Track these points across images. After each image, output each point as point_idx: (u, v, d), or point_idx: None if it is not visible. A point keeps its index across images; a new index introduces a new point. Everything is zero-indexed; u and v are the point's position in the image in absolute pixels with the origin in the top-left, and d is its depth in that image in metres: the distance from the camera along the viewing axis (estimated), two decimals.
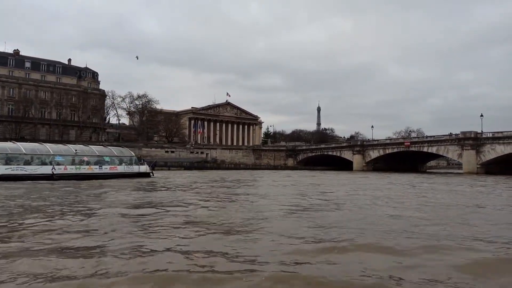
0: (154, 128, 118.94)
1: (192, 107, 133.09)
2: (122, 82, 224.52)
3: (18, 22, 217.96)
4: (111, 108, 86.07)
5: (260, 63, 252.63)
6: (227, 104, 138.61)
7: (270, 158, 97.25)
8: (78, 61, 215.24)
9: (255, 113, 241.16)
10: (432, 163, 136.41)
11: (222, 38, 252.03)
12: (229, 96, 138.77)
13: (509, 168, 69.91)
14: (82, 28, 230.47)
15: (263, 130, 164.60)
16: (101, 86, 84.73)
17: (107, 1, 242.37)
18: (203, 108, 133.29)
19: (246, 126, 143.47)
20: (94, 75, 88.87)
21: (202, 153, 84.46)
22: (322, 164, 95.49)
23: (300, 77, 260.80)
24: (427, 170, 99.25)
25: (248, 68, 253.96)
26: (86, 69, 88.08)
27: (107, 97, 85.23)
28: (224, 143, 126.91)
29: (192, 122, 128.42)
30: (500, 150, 66.85)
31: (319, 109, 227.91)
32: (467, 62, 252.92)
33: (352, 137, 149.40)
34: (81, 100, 78.24)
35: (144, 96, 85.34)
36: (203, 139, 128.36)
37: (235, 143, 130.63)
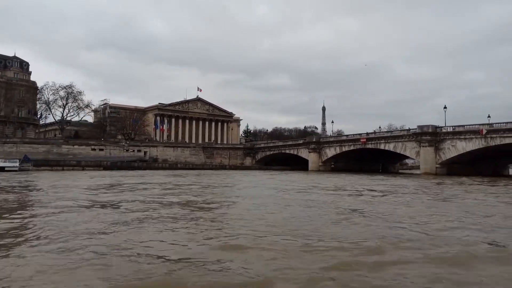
0: (116, 125, 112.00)
1: (159, 103, 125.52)
2: (127, 82, 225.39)
3: (24, 22, 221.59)
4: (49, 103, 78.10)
5: (266, 63, 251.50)
6: (198, 100, 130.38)
7: (224, 157, 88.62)
8: (83, 61, 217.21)
9: (262, 113, 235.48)
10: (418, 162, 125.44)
11: (228, 38, 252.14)
12: (200, 91, 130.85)
13: (478, 170, 59.96)
14: (89, 28, 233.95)
15: (243, 128, 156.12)
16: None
17: (114, 1, 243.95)
18: (170, 104, 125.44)
19: (219, 124, 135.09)
20: (23, 65, 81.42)
21: (139, 151, 76.35)
22: (281, 163, 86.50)
23: (307, 77, 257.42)
24: (400, 171, 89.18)
25: (254, 68, 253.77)
26: (14, 58, 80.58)
27: (39, 89, 77.44)
28: (195, 141, 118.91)
29: (159, 118, 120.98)
30: (461, 147, 56.96)
31: (324, 109, 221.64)
32: (475, 61, 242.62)
33: (339, 135, 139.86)
34: (4, 92, 70.79)
35: (69, 87, 77.16)
36: (170, 136, 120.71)
37: (206, 141, 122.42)
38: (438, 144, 59.04)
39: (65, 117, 78.66)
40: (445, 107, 64.07)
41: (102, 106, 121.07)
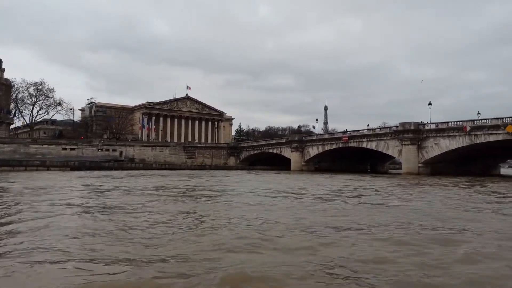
0: (102, 125, 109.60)
1: (147, 101, 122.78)
2: (130, 83, 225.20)
3: (26, 23, 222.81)
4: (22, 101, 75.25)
5: (269, 64, 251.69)
6: (187, 98, 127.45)
7: (207, 156, 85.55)
8: (86, 63, 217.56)
9: (265, 113, 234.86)
10: None
11: (231, 39, 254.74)
12: (190, 89, 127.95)
13: (465, 170, 56.51)
14: (92, 29, 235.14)
15: (236, 127, 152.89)
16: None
17: (116, 3, 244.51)
18: (158, 103, 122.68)
19: (209, 123, 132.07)
20: None
21: (114, 150, 73.49)
22: (266, 163, 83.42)
23: (310, 78, 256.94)
24: (389, 171, 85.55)
25: (257, 68, 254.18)
26: None
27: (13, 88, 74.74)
28: (184, 140, 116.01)
29: (146, 117, 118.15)
30: (445, 145, 53.37)
31: (326, 109, 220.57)
32: (477, 61, 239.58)
33: (321, 134, 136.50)
34: None
35: (40, 83, 74.14)
36: (158, 135, 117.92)
37: (196, 140, 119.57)
38: (421, 142, 55.52)
39: (35, 115, 75.79)
40: (429, 103, 60.56)
41: (89, 105, 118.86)
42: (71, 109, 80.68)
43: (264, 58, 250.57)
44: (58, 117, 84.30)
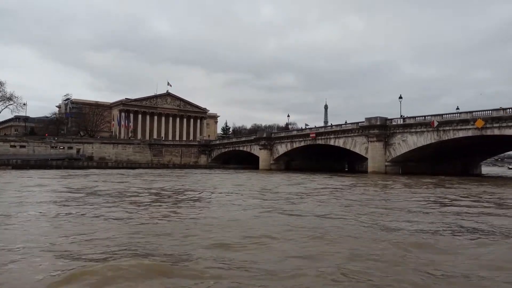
0: (75, 121, 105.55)
1: (125, 98, 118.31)
2: (133, 82, 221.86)
3: (31, 23, 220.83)
4: None
5: (271, 63, 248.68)
6: (167, 95, 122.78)
7: (175, 155, 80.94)
8: (89, 62, 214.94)
9: (268, 112, 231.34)
10: None
11: (233, 38, 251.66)
12: (170, 86, 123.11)
13: (441, 168, 51.44)
14: (96, 29, 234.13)
15: (221, 125, 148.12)
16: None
17: (120, 2, 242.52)
18: (136, 99, 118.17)
19: (192, 120, 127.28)
20: None
21: (70, 148, 69.08)
22: (239, 162, 78.95)
23: (313, 77, 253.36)
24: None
25: (260, 67, 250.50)
26: None
27: None
28: (164, 138, 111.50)
29: (124, 114, 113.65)
30: (413, 142, 48.36)
31: (326, 107, 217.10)
32: (483, 60, 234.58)
33: (289, 130, 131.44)
34: None
35: None
36: (136, 133, 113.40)
37: (177, 138, 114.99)
38: (388, 139, 50.55)
39: None
40: (400, 97, 55.40)
41: (65, 101, 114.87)
42: (24, 104, 76.55)
43: (266, 58, 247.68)
44: (7, 112, 79.71)
